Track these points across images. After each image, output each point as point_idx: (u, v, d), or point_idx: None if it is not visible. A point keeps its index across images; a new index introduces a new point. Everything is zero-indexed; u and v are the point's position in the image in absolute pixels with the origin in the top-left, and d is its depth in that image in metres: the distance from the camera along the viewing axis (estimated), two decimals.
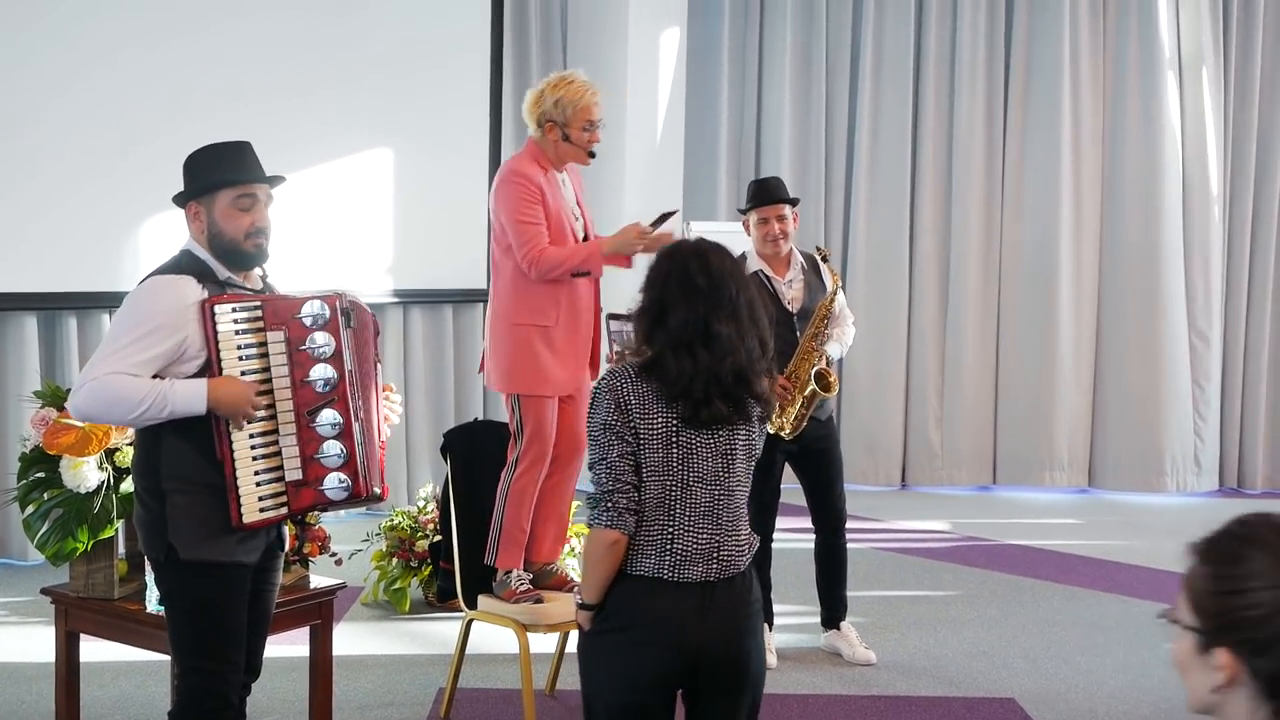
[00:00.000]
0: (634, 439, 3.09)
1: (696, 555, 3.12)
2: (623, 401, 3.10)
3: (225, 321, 3.39)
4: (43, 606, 4.87)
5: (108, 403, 3.33)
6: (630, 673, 3.12)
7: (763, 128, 10.08)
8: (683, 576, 3.10)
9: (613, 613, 3.14)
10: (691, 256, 3.17)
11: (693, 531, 3.12)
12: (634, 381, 3.12)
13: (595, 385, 3.19)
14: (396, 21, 8.43)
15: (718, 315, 3.10)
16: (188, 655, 3.52)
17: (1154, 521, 8.90)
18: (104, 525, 4.14)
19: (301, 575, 4.50)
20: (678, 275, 3.14)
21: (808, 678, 5.51)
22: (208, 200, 3.50)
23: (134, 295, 3.44)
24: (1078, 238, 9.73)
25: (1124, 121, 9.71)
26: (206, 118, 7.30)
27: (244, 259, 3.53)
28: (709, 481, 3.14)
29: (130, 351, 3.32)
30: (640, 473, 3.11)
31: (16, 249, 6.91)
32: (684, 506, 3.12)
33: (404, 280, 8.56)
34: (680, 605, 3.10)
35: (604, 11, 9.43)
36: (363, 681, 5.37)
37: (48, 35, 6.95)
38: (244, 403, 3.38)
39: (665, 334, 3.11)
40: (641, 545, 3.11)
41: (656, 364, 3.10)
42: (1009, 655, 5.87)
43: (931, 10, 9.79)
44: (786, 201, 5.65)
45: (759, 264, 5.60)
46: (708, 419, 3.11)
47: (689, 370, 3.07)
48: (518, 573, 4.80)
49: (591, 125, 4.75)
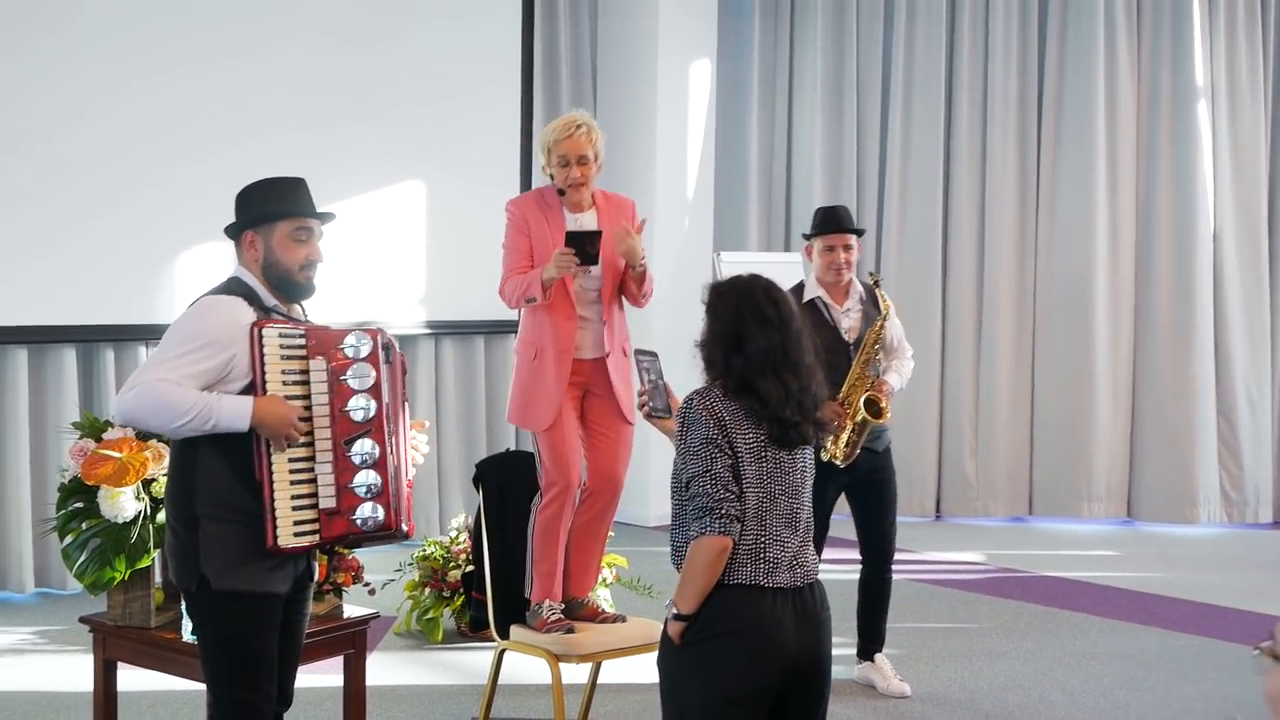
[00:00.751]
0: (732, 452, 3.26)
1: (782, 563, 3.27)
2: (719, 418, 3.27)
3: (272, 345, 3.43)
4: (81, 635, 4.89)
5: (155, 408, 3.35)
6: (733, 680, 3.19)
7: (793, 158, 10.09)
8: (775, 583, 3.24)
9: (710, 621, 3.23)
10: (759, 290, 3.37)
11: (779, 541, 3.28)
12: (724, 401, 3.29)
13: (685, 406, 3.33)
14: (427, 53, 8.49)
15: (794, 345, 3.33)
16: (221, 685, 3.54)
17: (1192, 553, 8.82)
18: (141, 554, 4.17)
19: (335, 605, 4.51)
20: (750, 307, 3.33)
21: (843, 710, 5.48)
22: (265, 230, 3.57)
23: (187, 312, 3.50)
24: (1113, 267, 9.67)
25: (1158, 151, 9.68)
26: (239, 150, 7.42)
27: (296, 290, 3.61)
28: (790, 495, 3.33)
29: (181, 363, 3.37)
30: (740, 482, 3.26)
31: (57, 284, 7.00)
32: (772, 518, 3.28)
33: (436, 311, 8.60)
34: (777, 610, 3.23)
35: (634, 42, 9.48)
36: (396, 712, 5.37)
37: (92, 75, 7.04)
38: (287, 425, 3.41)
39: (745, 360, 3.30)
40: (736, 554, 3.24)
41: (747, 387, 3.28)
42: (1045, 689, 5.82)
43: (963, 39, 9.79)
44: (853, 231, 5.63)
45: (818, 291, 5.58)
46: (794, 439, 3.31)
47: (781, 395, 3.27)
48: (550, 603, 4.80)
49: (565, 161, 4.76)
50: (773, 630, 3.20)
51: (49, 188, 6.96)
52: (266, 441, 3.42)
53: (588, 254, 4.66)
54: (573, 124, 4.78)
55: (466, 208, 8.62)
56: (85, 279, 7.07)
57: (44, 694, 5.49)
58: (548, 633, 4.69)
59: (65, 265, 7.01)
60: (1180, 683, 5.93)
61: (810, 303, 5.55)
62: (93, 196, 7.08)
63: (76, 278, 7.05)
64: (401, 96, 8.37)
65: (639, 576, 6.66)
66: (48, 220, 6.96)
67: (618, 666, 5.15)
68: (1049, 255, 9.79)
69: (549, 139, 4.80)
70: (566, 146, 4.75)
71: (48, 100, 6.95)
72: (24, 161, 6.90)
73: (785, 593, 3.24)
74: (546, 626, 4.71)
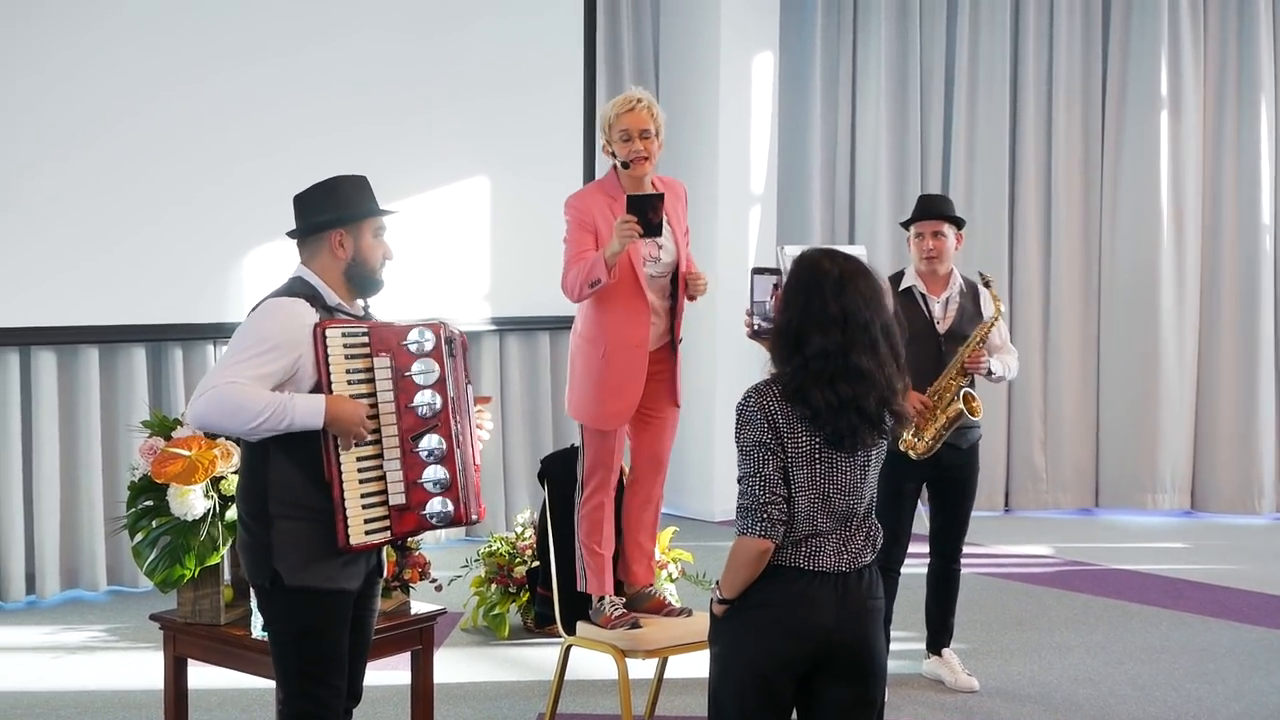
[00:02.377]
0: (784, 455, 3.23)
1: (829, 550, 3.28)
2: (773, 420, 3.23)
3: (335, 345, 3.46)
4: (151, 632, 4.95)
5: (229, 411, 3.37)
6: (763, 649, 3.26)
7: (856, 151, 10.03)
8: (819, 566, 3.27)
9: (750, 594, 3.28)
10: (827, 281, 3.25)
11: (827, 532, 3.28)
12: (780, 403, 3.24)
13: (743, 403, 3.28)
14: (491, 46, 8.51)
15: (856, 348, 3.21)
16: (291, 681, 3.57)
17: (1261, 545, 8.71)
18: (210, 552, 4.21)
19: (402, 601, 4.52)
20: (817, 303, 3.23)
21: (910, 705, 5.45)
22: (354, 229, 3.61)
23: (254, 315, 3.53)
24: (1179, 257, 9.56)
25: (1223, 142, 9.57)
26: (304, 145, 7.49)
27: (375, 286, 3.67)
28: (846, 492, 3.30)
29: (251, 365, 3.39)
30: (789, 485, 3.24)
31: (128, 283, 7.08)
32: (824, 514, 3.27)
33: (500, 308, 8.63)
34: (815, 591, 3.25)
35: (696, 37, 9.46)
36: (463, 708, 5.39)
37: (158, 70, 7.12)
38: (357, 423, 3.44)
39: (803, 361, 3.23)
40: (782, 542, 3.25)
41: (800, 393, 3.22)
42: (1116, 682, 5.76)
43: (1028, 30, 9.68)
44: (946, 219, 5.49)
45: (915, 280, 5.51)
46: (853, 444, 3.27)
47: (833, 403, 3.20)
48: (610, 599, 4.80)
49: (628, 135, 4.72)
50: (807, 609, 3.24)
51: (115, 184, 7.03)
52: (335, 440, 3.44)
53: (650, 223, 4.52)
54: (632, 99, 4.76)
55: (530, 204, 8.63)
56: (153, 277, 7.14)
57: (116, 691, 5.56)
58: (613, 628, 4.69)
59: (132, 263, 7.08)
60: (1252, 675, 5.86)
61: (907, 290, 5.49)
62: (157, 194, 7.15)
63: (144, 275, 7.12)
64: (464, 93, 8.39)
65: (704, 571, 6.66)
66: (114, 217, 7.03)
67: (684, 661, 5.15)
68: (1114, 247, 9.69)
69: (609, 115, 4.76)
70: (628, 120, 4.71)
71: (114, 96, 7.02)
72: (92, 158, 6.97)
73: (828, 576, 3.26)
74: (612, 622, 4.71)
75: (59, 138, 6.90)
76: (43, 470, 6.94)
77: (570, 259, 4.72)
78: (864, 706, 3.32)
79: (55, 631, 6.45)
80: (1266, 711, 5.37)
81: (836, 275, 3.25)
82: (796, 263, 3.34)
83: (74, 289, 6.94)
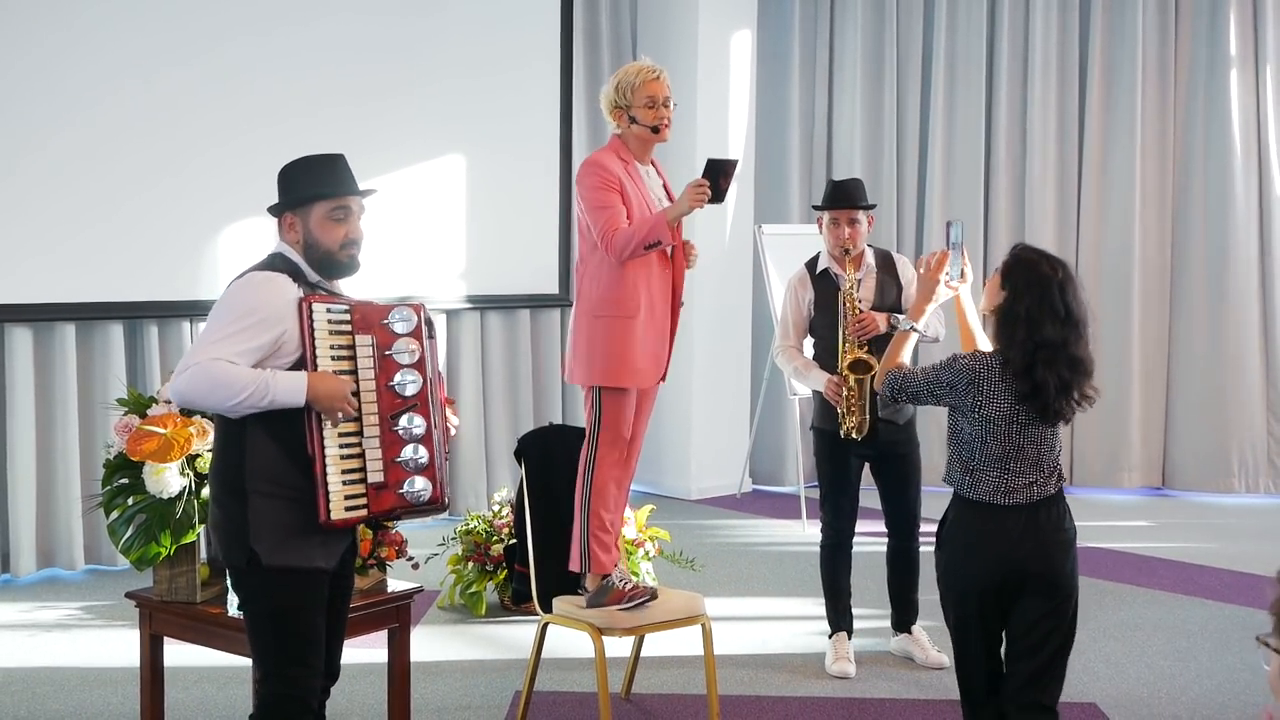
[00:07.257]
0: (968, 409, 3.85)
1: (1020, 487, 3.85)
2: (979, 384, 3.83)
3: (321, 320, 3.46)
4: (127, 610, 4.95)
5: (211, 387, 3.36)
6: (969, 574, 3.89)
7: (834, 130, 10.05)
8: (1011, 501, 3.85)
9: (959, 528, 3.92)
10: (1064, 281, 3.84)
11: (1019, 474, 3.86)
12: (996, 373, 3.82)
13: (961, 356, 3.90)
14: (467, 27, 8.49)
15: (1078, 342, 3.83)
16: (268, 660, 3.56)
17: (1231, 523, 8.77)
18: (186, 530, 4.21)
19: (379, 579, 4.53)
20: (1050, 298, 3.80)
21: (882, 682, 5.48)
22: (303, 212, 3.58)
23: (233, 289, 3.50)
24: (1158, 237, 9.62)
25: (1194, 122, 9.61)
26: (280, 125, 7.46)
27: (338, 269, 3.62)
28: (1038, 443, 3.87)
29: (233, 340, 3.37)
30: (970, 438, 3.88)
31: (105, 261, 7.06)
32: (1017, 462, 3.85)
33: (479, 286, 8.62)
34: (1008, 524, 3.84)
35: (674, 15, 9.45)
36: (440, 685, 5.41)
37: (134, 51, 7.09)
38: (341, 399, 3.43)
39: (1032, 344, 3.77)
40: (980, 480, 3.86)
41: (1026, 372, 3.78)
42: (1090, 659, 5.80)
43: (1004, 11, 9.70)
44: (858, 206, 5.50)
45: (829, 263, 5.55)
46: (1054, 419, 3.84)
47: (1056, 385, 3.77)
48: (619, 571, 4.72)
49: (654, 102, 4.70)
50: (999, 540, 3.83)
51: (92, 163, 7.00)
52: (318, 416, 3.43)
53: (719, 189, 4.53)
54: (655, 67, 4.76)
55: (507, 181, 8.63)
56: (130, 255, 7.12)
57: (92, 669, 5.55)
58: (628, 603, 4.61)
59: (109, 240, 7.06)
60: (1225, 653, 5.90)
61: (823, 273, 5.54)
62: (134, 173, 7.13)
63: (121, 253, 7.10)
64: (442, 71, 8.37)
65: (681, 550, 6.68)
66: (92, 196, 7.00)
67: (661, 639, 5.16)
68: (1090, 227, 9.71)
69: (633, 80, 4.70)
70: (654, 88, 4.70)
71: (90, 77, 6.99)
72: (69, 137, 6.95)
73: (1020, 509, 3.83)
74: (625, 597, 4.62)
75: (36, 119, 6.87)
76: (19, 448, 6.92)
77: (607, 220, 4.60)
78: (1050, 616, 3.84)
79: (31, 609, 6.44)
80: (1238, 688, 5.42)
81: (1061, 276, 3.83)
82: (1022, 258, 3.91)
83: (51, 267, 6.91)
